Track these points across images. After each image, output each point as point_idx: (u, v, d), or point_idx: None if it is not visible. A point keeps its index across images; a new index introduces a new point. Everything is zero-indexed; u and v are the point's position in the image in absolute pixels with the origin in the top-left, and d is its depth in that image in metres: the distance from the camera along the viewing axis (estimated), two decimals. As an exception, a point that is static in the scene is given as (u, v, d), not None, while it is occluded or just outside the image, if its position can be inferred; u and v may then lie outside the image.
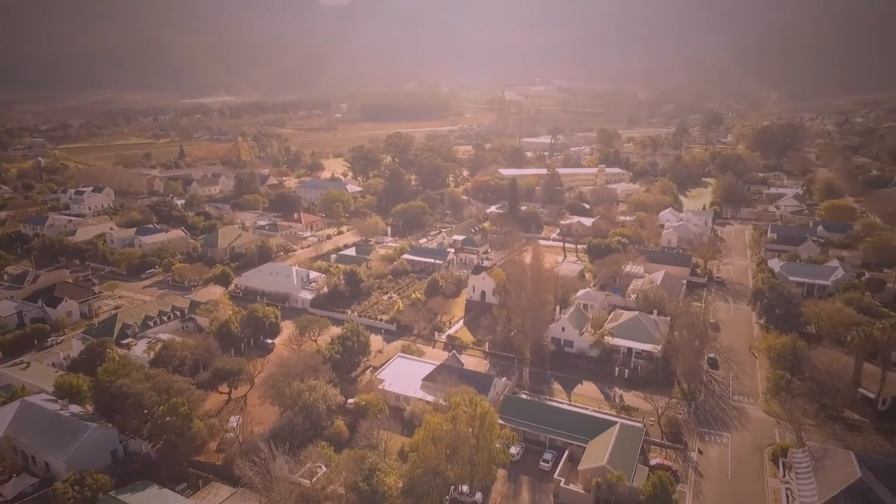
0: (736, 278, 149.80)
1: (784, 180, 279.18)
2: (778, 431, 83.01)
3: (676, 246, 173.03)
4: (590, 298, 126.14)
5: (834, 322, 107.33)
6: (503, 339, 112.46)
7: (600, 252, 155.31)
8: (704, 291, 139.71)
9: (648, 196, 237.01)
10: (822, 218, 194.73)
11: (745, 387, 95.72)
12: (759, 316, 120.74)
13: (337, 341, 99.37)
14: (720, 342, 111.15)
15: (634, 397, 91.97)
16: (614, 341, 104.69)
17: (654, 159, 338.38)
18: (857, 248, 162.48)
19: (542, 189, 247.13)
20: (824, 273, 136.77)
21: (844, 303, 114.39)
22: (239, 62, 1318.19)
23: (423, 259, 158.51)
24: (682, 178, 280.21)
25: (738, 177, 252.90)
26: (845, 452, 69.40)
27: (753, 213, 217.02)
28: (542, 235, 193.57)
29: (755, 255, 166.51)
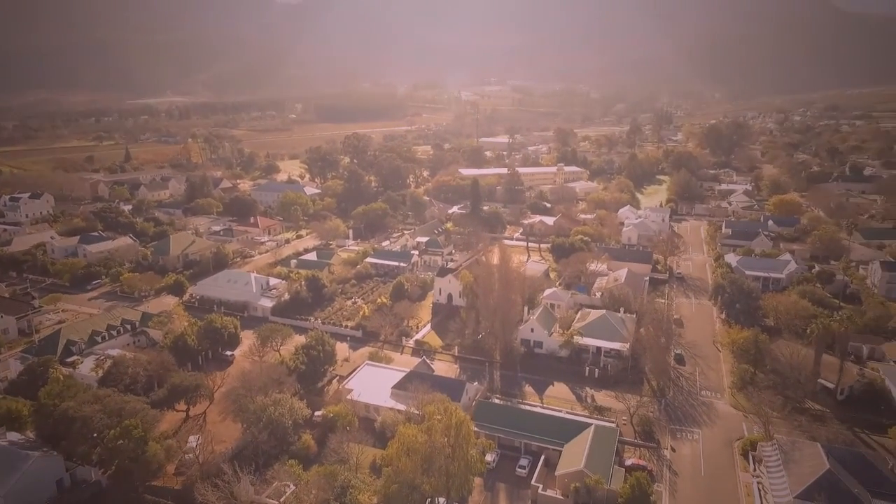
0: (695, 273, 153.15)
1: (734, 177, 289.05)
2: (746, 425, 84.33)
3: (637, 243, 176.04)
4: (556, 298, 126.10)
5: (791, 314, 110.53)
6: (472, 343, 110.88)
7: (564, 251, 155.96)
8: (666, 288, 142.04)
9: (607, 194, 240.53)
10: (772, 213, 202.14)
11: (712, 382, 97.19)
12: (720, 311, 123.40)
13: (301, 351, 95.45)
14: (685, 338, 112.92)
15: (606, 397, 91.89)
16: (583, 341, 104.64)
17: (609, 157, 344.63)
18: (806, 242, 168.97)
19: (502, 189, 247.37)
20: (778, 266, 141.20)
21: (799, 295, 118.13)
22: (188, 62, 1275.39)
23: (386, 262, 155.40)
24: (637, 176, 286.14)
25: (691, 174, 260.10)
26: (812, 444, 70.83)
27: (707, 209, 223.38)
28: (505, 235, 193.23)
29: (712, 251, 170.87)
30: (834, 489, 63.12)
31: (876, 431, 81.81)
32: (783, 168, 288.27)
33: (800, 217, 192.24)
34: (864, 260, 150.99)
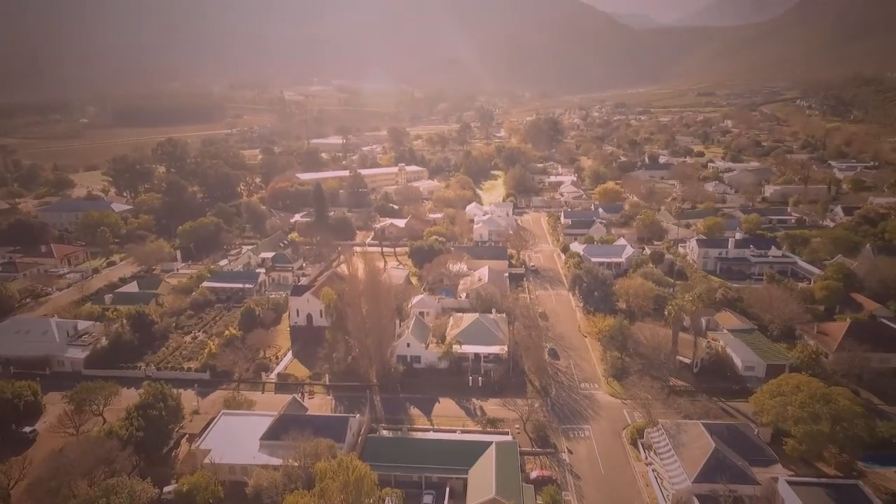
0: (547, 265, 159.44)
1: (559, 169, 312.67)
2: (627, 412, 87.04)
3: (488, 239, 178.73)
4: (425, 305, 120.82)
5: (639, 297, 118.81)
6: (344, 367, 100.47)
7: (423, 254, 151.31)
8: (525, 282, 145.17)
9: (451, 192, 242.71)
10: (598, 201, 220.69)
11: (587, 373, 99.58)
12: (578, 300, 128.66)
13: (135, 412, 76.72)
14: (552, 331, 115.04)
15: (494, 406, 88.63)
16: (462, 349, 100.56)
17: (445, 155, 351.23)
18: (631, 226, 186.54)
19: (345, 192, 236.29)
20: (617, 251, 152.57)
21: (643, 277, 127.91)
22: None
23: (228, 285, 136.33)
24: (473, 172, 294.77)
25: (524, 168, 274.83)
26: (695, 424, 74.47)
27: (543, 200, 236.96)
28: (356, 242, 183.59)
29: (556, 241, 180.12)
30: (722, 466, 66.40)
31: (729, 398, 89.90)
32: (597, 159, 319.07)
33: (622, 203, 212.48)
34: (680, 238, 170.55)
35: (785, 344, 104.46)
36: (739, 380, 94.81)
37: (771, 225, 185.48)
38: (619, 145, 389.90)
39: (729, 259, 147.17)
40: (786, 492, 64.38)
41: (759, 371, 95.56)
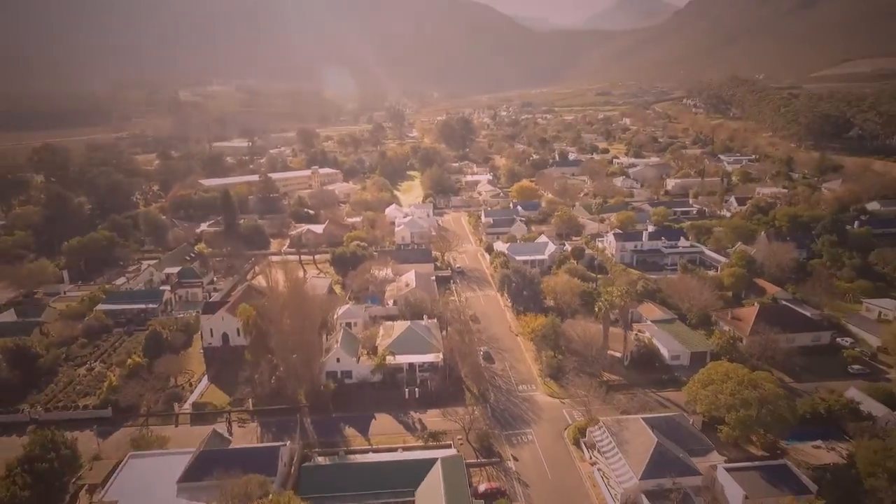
0: (472, 265, 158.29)
1: (474, 168, 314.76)
2: (566, 412, 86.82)
3: (411, 242, 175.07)
4: (352, 315, 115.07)
5: (566, 293, 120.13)
6: (269, 389, 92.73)
7: (345, 261, 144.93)
8: (452, 284, 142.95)
9: (367, 194, 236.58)
10: (516, 199, 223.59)
11: (524, 374, 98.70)
12: (507, 300, 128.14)
13: (18, 468, 65.51)
14: (485, 334, 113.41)
15: (434, 417, 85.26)
16: (396, 360, 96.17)
17: (359, 157, 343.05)
18: (550, 223, 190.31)
19: (256, 198, 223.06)
20: (540, 249, 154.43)
21: (568, 274, 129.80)
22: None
23: (128, 306, 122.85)
24: (389, 174, 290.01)
25: (441, 168, 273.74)
26: (635, 420, 75.17)
27: (462, 200, 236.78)
28: (271, 250, 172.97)
29: (479, 241, 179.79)
30: (666, 460, 67.21)
31: (660, 388, 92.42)
32: (511, 158, 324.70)
33: (539, 201, 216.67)
34: (597, 233, 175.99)
35: (703, 331, 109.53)
36: (667, 369, 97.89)
37: (676, 217, 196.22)
38: (529, 143, 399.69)
39: (644, 251, 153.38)
40: (724, 478, 66.20)
41: (685, 359, 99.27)
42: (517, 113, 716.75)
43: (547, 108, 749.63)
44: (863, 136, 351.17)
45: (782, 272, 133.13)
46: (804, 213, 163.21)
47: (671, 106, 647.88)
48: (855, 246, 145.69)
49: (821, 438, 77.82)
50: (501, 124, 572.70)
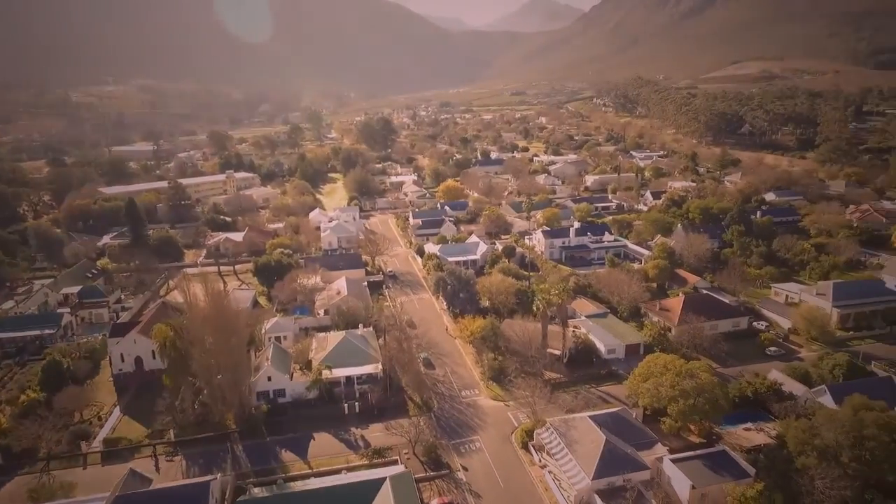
0: (403, 268, 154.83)
1: (398, 169, 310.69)
2: (512, 415, 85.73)
3: (338, 247, 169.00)
4: (281, 329, 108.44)
5: (501, 293, 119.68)
6: (193, 417, 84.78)
7: (270, 270, 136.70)
8: (385, 289, 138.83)
9: (288, 198, 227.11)
10: (443, 199, 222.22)
11: (466, 379, 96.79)
12: (442, 303, 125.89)
13: None
14: (423, 339, 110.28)
15: (377, 433, 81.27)
16: (333, 374, 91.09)
17: (276, 160, 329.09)
18: (478, 223, 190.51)
19: (165, 206, 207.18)
20: (471, 249, 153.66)
21: (502, 273, 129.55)
22: None
23: (19, 334, 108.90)
24: (310, 176, 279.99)
25: (364, 170, 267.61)
26: (582, 418, 75.12)
27: (388, 201, 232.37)
28: (186, 262, 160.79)
29: (409, 243, 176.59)
30: (616, 458, 67.50)
31: (600, 383, 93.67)
32: (434, 157, 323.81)
33: (466, 200, 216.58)
34: (525, 231, 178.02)
35: (634, 323, 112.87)
36: (604, 364, 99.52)
37: (597, 212, 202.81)
38: (451, 143, 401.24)
39: (571, 247, 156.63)
40: (671, 470, 67.41)
41: (620, 352, 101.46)
42: (436, 113, 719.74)
43: (465, 108, 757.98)
44: (753, 132, 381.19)
45: (700, 262, 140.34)
46: (714, 206, 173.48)
47: (583, 105, 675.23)
48: (759, 234, 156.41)
49: (750, 421, 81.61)
50: (422, 124, 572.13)
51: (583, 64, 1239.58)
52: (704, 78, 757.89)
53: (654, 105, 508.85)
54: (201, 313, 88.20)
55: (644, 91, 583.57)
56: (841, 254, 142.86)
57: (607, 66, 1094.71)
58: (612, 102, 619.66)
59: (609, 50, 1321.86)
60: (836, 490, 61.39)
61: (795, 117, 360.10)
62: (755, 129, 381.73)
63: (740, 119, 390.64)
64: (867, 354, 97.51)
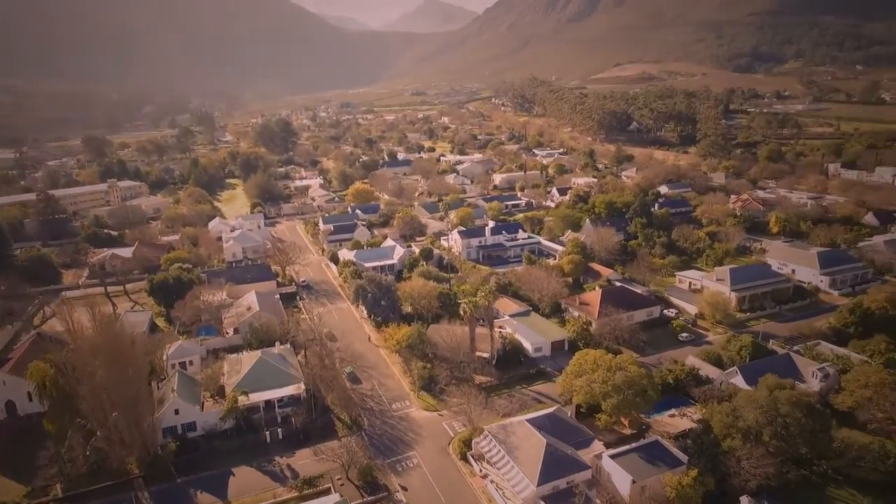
0: (317, 277, 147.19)
1: (302, 172, 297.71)
2: (447, 425, 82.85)
3: (244, 258, 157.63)
4: (185, 353, 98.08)
5: (424, 298, 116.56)
6: (86, 465, 73.51)
7: (168, 288, 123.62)
8: (299, 301, 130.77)
9: (183, 208, 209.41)
10: (353, 202, 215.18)
11: (395, 391, 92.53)
12: (363, 311, 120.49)
13: None
14: (346, 352, 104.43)
15: (306, 460, 75.10)
16: (250, 399, 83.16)
17: (166, 166, 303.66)
18: (392, 225, 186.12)
19: (35, 221, 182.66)
20: (388, 253, 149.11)
21: (422, 277, 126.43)
22: None
23: None
24: (206, 183, 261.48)
25: (266, 174, 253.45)
26: (520, 422, 73.75)
27: (295, 207, 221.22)
28: (65, 285, 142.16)
29: (321, 250, 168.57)
30: (558, 461, 66.69)
31: (530, 383, 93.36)
32: (339, 160, 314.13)
33: (378, 203, 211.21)
34: (440, 232, 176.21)
35: (556, 319, 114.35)
36: (532, 363, 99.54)
37: (508, 210, 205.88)
38: (356, 144, 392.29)
39: (488, 246, 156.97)
40: (610, 466, 67.76)
41: (546, 350, 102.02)
42: (337, 113, 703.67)
43: (366, 108, 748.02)
44: (640, 129, 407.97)
45: (610, 255, 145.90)
46: (617, 200, 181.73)
47: (482, 105, 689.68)
48: (659, 226, 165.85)
49: (673, 407, 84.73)
50: (323, 125, 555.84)
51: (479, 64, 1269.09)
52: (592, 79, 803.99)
53: (550, 104, 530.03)
54: (88, 343, 76.98)
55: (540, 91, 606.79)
56: (731, 241, 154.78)
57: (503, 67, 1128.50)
58: (510, 102, 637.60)
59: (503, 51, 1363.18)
60: (761, 468, 64.65)
61: (676, 115, 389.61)
62: (642, 126, 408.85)
63: (629, 117, 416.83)
64: (765, 333, 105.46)
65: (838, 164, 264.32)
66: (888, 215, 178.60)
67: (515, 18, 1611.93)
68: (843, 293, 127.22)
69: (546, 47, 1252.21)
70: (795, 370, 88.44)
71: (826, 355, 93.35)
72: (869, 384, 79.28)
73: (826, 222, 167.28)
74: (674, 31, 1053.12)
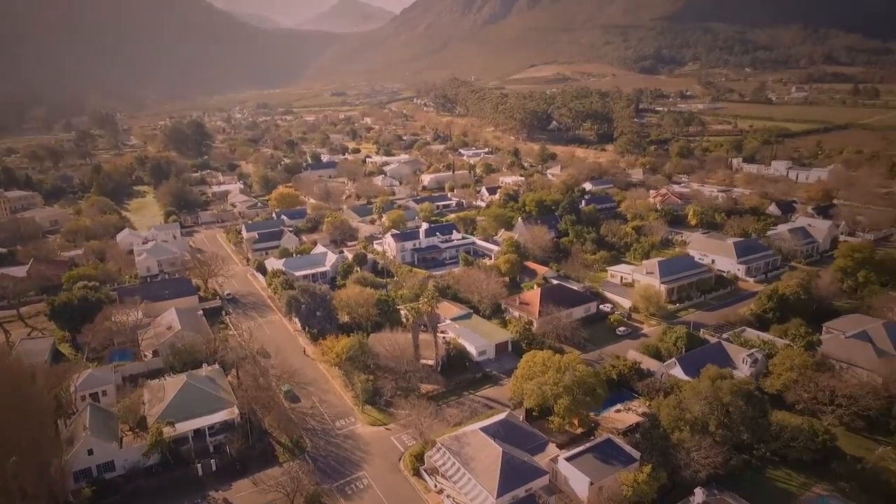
0: (243, 289, 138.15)
1: (220, 177, 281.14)
2: (395, 439, 79.13)
3: (160, 272, 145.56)
4: (97, 382, 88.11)
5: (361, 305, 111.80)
6: (-21, 524, 63.35)
7: (72, 311, 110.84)
8: (225, 316, 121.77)
9: (85, 219, 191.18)
10: (278, 208, 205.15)
11: (338, 408, 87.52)
12: (297, 323, 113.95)
13: None
14: (281, 369, 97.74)
15: (245, 492, 68.90)
16: (177, 429, 75.41)
17: (63, 173, 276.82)
18: (321, 230, 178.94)
19: None
20: (320, 260, 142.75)
21: (359, 284, 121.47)
22: None
23: None
24: (111, 192, 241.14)
25: (180, 180, 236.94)
26: (473, 431, 71.36)
27: (214, 214, 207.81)
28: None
29: (246, 259, 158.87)
30: (515, 469, 64.96)
31: (477, 388, 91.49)
32: (259, 163, 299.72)
33: (304, 208, 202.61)
34: (371, 235, 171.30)
35: (497, 320, 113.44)
36: (478, 367, 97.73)
37: (440, 211, 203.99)
38: (276, 146, 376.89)
39: (423, 249, 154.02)
40: (566, 469, 66.97)
41: (491, 353, 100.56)
42: (254, 115, 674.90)
43: (285, 110, 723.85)
44: (560, 128, 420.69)
45: (544, 253, 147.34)
46: (547, 198, 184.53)
47: (405, 105, 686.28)
48: (588, 222, 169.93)
49: (619, 402, 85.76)
50: (239, 127, 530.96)
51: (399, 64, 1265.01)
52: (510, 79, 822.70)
53: (472, 104, 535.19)
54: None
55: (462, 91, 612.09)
56: (655, 234, 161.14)
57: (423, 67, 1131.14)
58: (432, 102, 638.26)
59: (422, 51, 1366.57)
60: (710, 458, 66.13)
61: (592, 114, 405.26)
62: (561, 125, 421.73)
63: (549, 116, 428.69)
64: (696, 323, 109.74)
65: (740, 158, 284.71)
66: (788, 205, 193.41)
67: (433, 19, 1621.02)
68: (757, 280, 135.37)
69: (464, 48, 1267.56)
70: (727, 357, 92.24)
71: (753, 341, 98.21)
72: (794, 367, 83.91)
73: (737, 213, 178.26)
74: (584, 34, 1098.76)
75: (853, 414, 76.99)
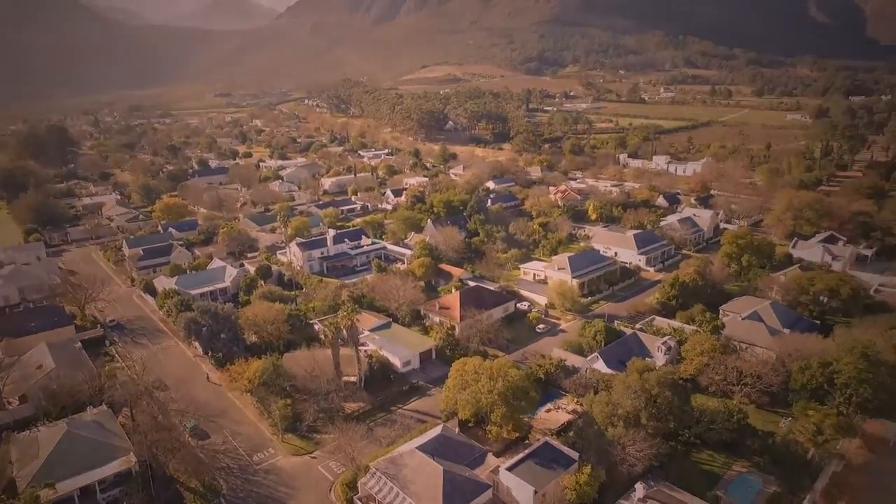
0: (130, 313, 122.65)
1: (91, 188, 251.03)
2: (323, 468, 72.75)
3: (22, 300, 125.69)
4: (-53, 443, 72.48)
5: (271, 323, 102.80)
6: None
7: None
8: (110, 345, 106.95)
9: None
10: (164, 220, 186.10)
11: (254, 440, 79.07)
12: (199, 348, 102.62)
13: None
14: (183, 402, 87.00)
15: (151, 553, 59.51)
16: (57, 491, 63.67)
17: None
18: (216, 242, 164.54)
19: None
20: (219, 275, 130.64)
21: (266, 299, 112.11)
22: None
23: None
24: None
25: (41, 193, 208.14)
26: (409, 451, 66.92)
27: (86, 230, 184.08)
28: None
29: (130, 280, 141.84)
30: (457, 487, 61.72)
31: (405, 401, 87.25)
32: (138, 171, 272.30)
33: (195, 219, 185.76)
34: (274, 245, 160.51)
35: (417, 327, 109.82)
36: (403, 378, 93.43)
37: (345, 215, 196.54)
38: (156, 152, 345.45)
39: (331, 257, 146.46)
40: (508, 479, 64.83)
41: (415, 362, 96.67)
42: (126, 118, 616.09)
43: (162, 112, 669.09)
44: (457, 128, 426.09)
45: (457, 254, 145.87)
46: (454, 198, 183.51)
47: (296, 106, 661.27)
48: (496, 220, 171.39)
49: (548, 402, 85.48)
50: (110, 132, 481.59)
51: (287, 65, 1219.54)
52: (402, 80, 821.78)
53: (367, 105, 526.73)
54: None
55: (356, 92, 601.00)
56: (560, 230, 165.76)
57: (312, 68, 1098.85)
58: (325, 103, 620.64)
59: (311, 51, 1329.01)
60: (644, 451, 67.12)
61: (487, 114, 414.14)
62: (458, 125, 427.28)
63: (445, 117, 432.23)
64: (610, 315, 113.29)
65: (625, 154, 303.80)
66: (674, 197, 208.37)
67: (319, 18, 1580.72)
68: (657, 269, 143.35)
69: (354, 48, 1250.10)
70: (643, 347, 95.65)
71: (664, 329, 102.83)
72: (704, 351, 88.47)
73: (632, 206, 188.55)
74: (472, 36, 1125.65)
75: (759, 391, 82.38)
